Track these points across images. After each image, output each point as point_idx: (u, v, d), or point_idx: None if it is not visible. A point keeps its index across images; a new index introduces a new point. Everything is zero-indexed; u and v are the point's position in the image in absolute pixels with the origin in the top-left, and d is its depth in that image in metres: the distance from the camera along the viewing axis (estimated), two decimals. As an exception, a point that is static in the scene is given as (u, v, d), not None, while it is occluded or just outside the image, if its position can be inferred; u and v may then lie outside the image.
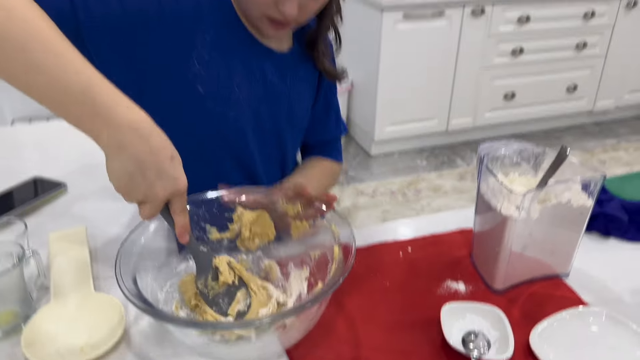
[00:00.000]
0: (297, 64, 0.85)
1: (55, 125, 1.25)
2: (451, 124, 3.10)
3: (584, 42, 3.16)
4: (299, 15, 0.72)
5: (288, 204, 0.69)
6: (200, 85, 0.74)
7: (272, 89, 0.81)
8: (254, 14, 0.74)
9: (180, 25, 0.71)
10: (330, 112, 0.97)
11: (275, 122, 0.84)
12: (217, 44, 0.74)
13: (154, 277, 0.62)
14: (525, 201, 0.64)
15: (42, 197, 0.90)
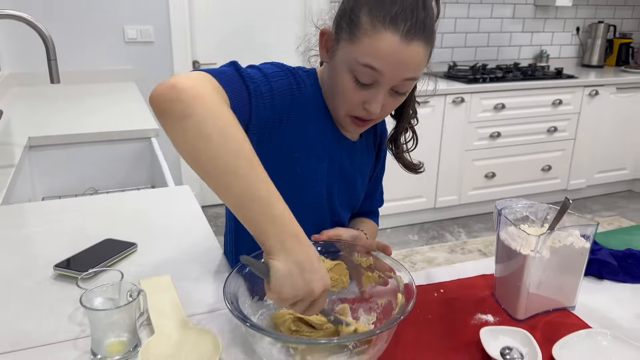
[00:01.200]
0: (363, 151, 1.04)
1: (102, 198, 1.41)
2: (438, 201, 3.32)
3: (555, 127, 3.49)
4: (380, 113, 0.88)
5: (362, 257, 0.84)
6: (299, 167, 0.92)
7: (344, 170, 1.00)
8: (340, 112, 0.91)
9: (303, 111, 0.90)
10: (379, 186, 1.17)
11: (340, 200, 1.02)
12: (316, 133, 0.93)
13: (249, 305, 0.76)
14: (540, 243, 0.82)
15: (121, 255, 1.03)
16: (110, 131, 2.00)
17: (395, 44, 0.79)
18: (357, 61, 0.82)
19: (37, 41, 1.74)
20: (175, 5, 3.01)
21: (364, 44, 0.81)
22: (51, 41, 1.56)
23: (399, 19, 0.79)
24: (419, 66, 0.84)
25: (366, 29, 0.80)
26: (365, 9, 0.81)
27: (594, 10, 4.09)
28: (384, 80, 0.83)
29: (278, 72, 0.88)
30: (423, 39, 0.81)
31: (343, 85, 0.85)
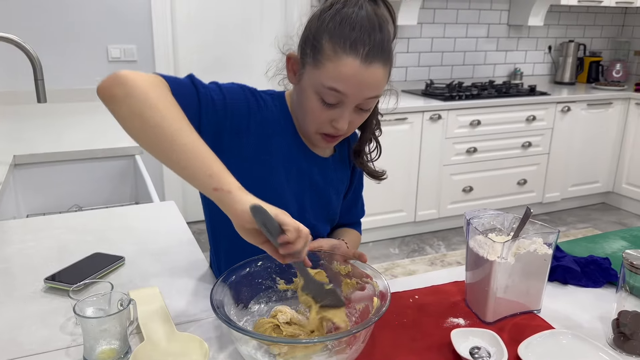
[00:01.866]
0: (336, 167, 1.09)
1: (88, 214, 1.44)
2: (418, 215, 3.39)
3: (529, 142, 3.60)
4: (348, 129, 0.94)
5: (341, 265, 0.90)
6: (261, 179, 0.96)
7: (316, 187, 1.05)
8: (310, 130, 0.96)
9: (265, 129, 0.96)
10: (358, 201, 1.21)
11: (315, 214, 1.07)
12: (282, 149, 0.98)
13: (234, 312, 0.81)
14: (505, 249, 0.88)
15: (109, 268, 1.07)
16: (94, 149, 2.03)
17: (356, 68, 0.85)
18: (322, 84, 0.88)
19: (22, 61, 1.78)
20: (158, 25, 3.06)
21: (328, 69, 0.87)
22: (38, 62, 1.60)
23: (358, 43, 0.85)
24: (380, 85, 0.90)
25: (329, 55, 0.87)
26: (327, 35, 0.87)
27: (564, 30, 4.25)
28: (348, 100, 0.89)
29: (235, 89, 0.95)
30: (381, 60, 0.87)
31: (311, 105, 0.92)
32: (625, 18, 4.43)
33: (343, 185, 1.13)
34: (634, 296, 0.87)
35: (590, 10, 4.26)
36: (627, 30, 4.44)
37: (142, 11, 3.02)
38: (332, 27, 0.87)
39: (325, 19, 0.88)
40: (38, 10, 2.81)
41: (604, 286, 1.07)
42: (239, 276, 0.87)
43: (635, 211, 3.96)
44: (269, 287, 0.90)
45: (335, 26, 0.87)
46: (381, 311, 0.76)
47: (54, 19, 2.85)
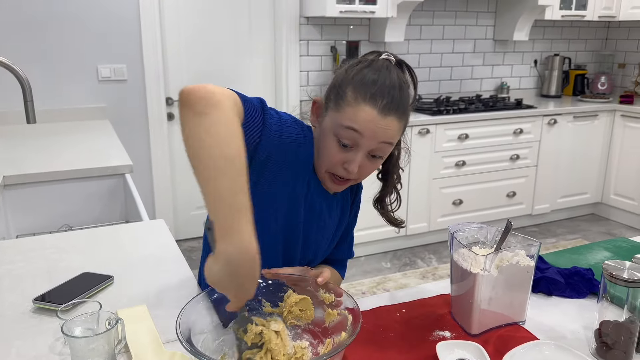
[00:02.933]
0: (339, 205, 1.13)
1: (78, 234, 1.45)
2: (409, 229, 3.41)
3: (517, 155, 3.65)
4: (358, 174, 0.98)
5: (326, 294, 0.90)
6: (285, 205, 1.01)
7: (323, 220, 1.09)
8: (321, 171, 1.01)
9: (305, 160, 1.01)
10: (349, 237, 1.24)
11: (319, 244, 1.11)
12: (305, 181, 1.02)
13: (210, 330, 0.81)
14: (487, 262, 0.90)
15: (98, 287, 1.08)
16: (84, 168, 2.03)
17: (374, 116, 0.93)
18: (341, 124, 0.94)
19: (10, 81, 1.79)
20: (148, 44, 3.09)
21: (347, 112, 0.94)
22: (27, 83, 1.61)
23: (378, 96, 0.93)
24: (394, 136, 0.96)
25: (349, 101, 0.94)
26: (351, 86, 0.95)
27: (549, 44, 4.32)
28: (363, 142, 0.94)
29: (290, 123, 1.00)
30: (397, 114, 0.94)
31: (327, 146, 0.97)
32: (609, 32, 4.52)
33: (343, 222, 1.17)
34: (615, 305, 0.89)
35: (574, 24, 4.35)
36: (610, 43, 4.53)
37: (132, 30, 3.04)
38: (357, 80, 0.95)
39: (351, 72, 0.97)
40: (27, 30, 2.83)
41: (587, 297, 1.09)
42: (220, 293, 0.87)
43: (624, 221, 4.00)
44: (254, 309, 0.91)
45: (360, 79, 0.95)
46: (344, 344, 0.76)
47: (43, 38, 2.86)
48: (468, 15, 3.92)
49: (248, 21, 3.38)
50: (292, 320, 0.90)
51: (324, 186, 1.06)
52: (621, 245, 1.32)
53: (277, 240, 1.04)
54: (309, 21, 3.42)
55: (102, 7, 2.95)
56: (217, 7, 3.28)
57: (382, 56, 1.00)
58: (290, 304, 0.90)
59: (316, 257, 1.14)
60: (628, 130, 3.87)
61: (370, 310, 1.01)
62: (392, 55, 1.01)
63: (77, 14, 2.91)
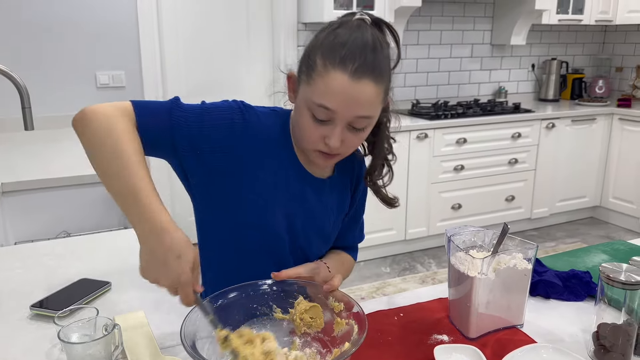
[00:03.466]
0: (334, 190, 1.07)
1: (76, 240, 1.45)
2: (408, 233, 3.40)
3: (515, 159, 3.65)
4: (342, 148, 0.92)
5: (335, 302, 0.88)
6: (249, 195, 0.96)
7: (309, 208, 1.03)
8: (306, 147, 0.96)
9: (256, 145, 0.96)
10: (358, 223, 1.19)
11: (306, 236, 1.05)
12: (273, 166, 0.98)
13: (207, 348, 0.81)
14: (484, 265, 0.90)
15: (95, 293, 1.07)
16: (82, 175, 2.03)
17: (345, 82, 0.85)
18: (313, 101, 0.88)
19: (7, 88, 1.79)
20: (146, 50, 3.09)
21: (318, 85, 0.88)
22: (25, 90, 1.62)
23: (347, 59, 0.86)
24: (372, 104, 0.89)
25: (319, 71, 0.88)
26: (319, 52, 0.89)
27: (547, 48, 4.33)
28: (337, 117, 0.88)
29: (221, 108, 0.96)
30: (372, 78, 0.87)
31: (304, 122, 0.92)
32: (606, 35, 4.53)
33: (342, 208, 1.11)
34: (613, 308, 0.89)
35: (571, 28, 4.36)
36: (607, 47, 4.54)
37: (130, 37, 3.05)
38: (326, 44, 0.89)
39: (320, 37, 0.91)
40: (26, 36, 2.84)
41: (585, 299, 1.09)
42: (228, 299, 0.87)
43: (623, 225, 4.00)
44: (265, 314, 0.90)
45: (329, 43, 0.88)
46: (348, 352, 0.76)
47: (41, 44, 2.87)
48: (465, 20, 3.94)
49: (246, 27, 3.39)
50: (303, 329, 0.89)
51: (311, 167, 1.01)
52: (619, 248, 1.32)
53: (255, 232, 0.99)
54: (307, 27, 3.43)
55: (101, 14, 2.96)
56: (215, 14, 3.29)
57: (355, 16, 0.93)
58: (301, 311, 0.89)
59: (310, 245, 1.07)
60: (626, 133, 3.87)
61: (368, 315, 1.00)
62: (368, 14, 0.94)
63: (76, 20, 2.92)
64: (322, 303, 0.90)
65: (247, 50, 3.42)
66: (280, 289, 0.92)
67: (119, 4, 2.99)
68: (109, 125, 0.85)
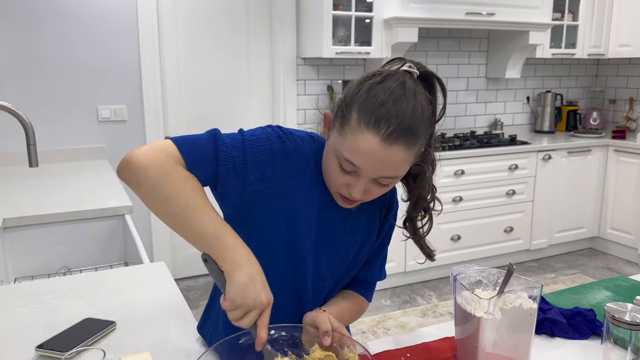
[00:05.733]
0: (361, 221, 1.05)
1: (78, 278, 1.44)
2: (408, 265, 3.40)
3: (513, 190, 3.67)
4: (365, 197, 0.92)
5: (350, 353, 0.88)
6: (284, 218, 0.96)
7: (335, 236, 1.02)
8: (331, 189, 0.97)
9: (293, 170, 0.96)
10: (380, 257, 1.14)
11: (329, 265, 1.03)
12: (305, 192, 0.97)
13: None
14: (491, 305, 0.90)
15: (101, 333, 1.07)
16: (83, 210, 2.04)
17: (375, 146, 0.84)
18: (342, 153, 0.88)
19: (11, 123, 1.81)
20: (147, 84, 3.14)
21: (349, 139, 0.87)
22: (31, 127, 1.64)
23: (382, 122, 0.83)
24: (399, 166, 0.88)
25: (352, 126, 0.86)
26: (357, 106, 0.87)
27: (541, 81, 4.41)
28: (363, 173, 0.88)
29: (260, 138, 0.94)
30: (404, 143, 0.85)
31: (330, 166, 0.92)
32: (598, 69, 4.63)
33: (368, 240, 1.08)
34: (619, 346, 0.89)
35: (565, 62, 4.45)
36: (600, 79, 4.63)
37: (132, 71, 3.10)
38: (364, 98, 0.86)
39: (362, 88, 0.88)
40: (28, 70, 2.88)
41: (590, 337, 1.09)
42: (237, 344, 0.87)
43: (622, 255, 4.00)
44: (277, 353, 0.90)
45: (367, 99, 0.86)
46: None
47: (44, 79, 2.91)
48: (460, 55, 4.02)
49: (246, 63, 3.45)
50: None
51: (337, 202, 0.99)
52: (621, 284, 1.33)
53: (282, 257, 0.99)
54: (306, 62, 3.49)
55: (103, 49, 3.01)
56: (216, 49, 3.35)
57: (403, 67, 0.90)
58: (314, 359, 0.89)
59: (328, 274, 1.04)
60: (622, 165, 3.92)
61: (375, 355, 1.01)
62: (416, 66, 0.90)
63: (79, 56, 2.97)
64: (337, 352, 0.89)
65: (247, 84, 3.48)
66: (295, 334, 0.92)
67: (121, 40, 3.04)
68: (165, 175, 0.87)
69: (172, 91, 3.27)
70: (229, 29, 3.36)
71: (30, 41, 2.85)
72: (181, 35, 3.25)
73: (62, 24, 2.91)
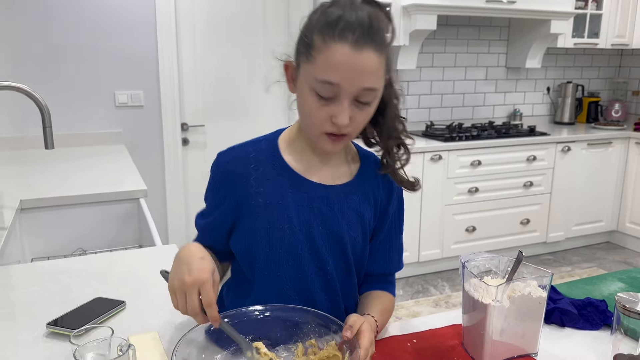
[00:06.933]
0: (348, 195, 1.02)
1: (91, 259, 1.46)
2: (422, 255, 3.38)
3: (530, 182, 3.62)
4: (350, 126, 0.91)
5: (337, 352, 0.87)
6: (263, 214, 0.99)
7: (321, 216, 1.00)
8: (314, 133, 0.95)
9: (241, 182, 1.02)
10: (393, 247, 1.12)
11: (328, 247, 1.02)
12: (275, 188, 1.00)
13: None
14: (499, 293, 0.89)
15: (110, 312, 1.08)
16: (99, 192, 2.06)
17: (347, 53, 0.85)
18: (316, 79, 0.88)
19: (29, 107, 1.83)
20: (165, 71, 3.15)
21: (319, 61, 0.88)
22: (47, 109, 1.66)
23: (347, 30, 0.85)
24: (375, 75, 0.89)
25: (319, 47, 0.87)
26: (316, 30, 0.89)
27: (562, 71, 4.33)
28: (342, 91, 0.88)
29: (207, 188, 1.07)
30: (373, 46, 0.86)
31: (309, 104, 0.91)
32: (622, 59, 4.52)
33: (361, 219, 1.04)
34: (630, 338, 0.88)
35: (587, 52, 4.36)
36: (624, 70, 4.53)
37: (149, 57, 3.11)
38: (322, 21, 0.89)
39: (314, 17, 0.91)
40: (48, 56, 2.91)
41: (601, 328, 1.08)
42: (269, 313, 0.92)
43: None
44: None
45: (324, 20, 0.88)
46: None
47: (62, 64, 2.94)
48: (480, 44, 3.96)
49: (262, 50, 3.44)
50: None
51: (322, 149, 0.98)
52: (636, 277, 1.31)
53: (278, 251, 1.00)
54: (323, 49, 3.47)
55: (121, 37, 3.03)
56: (232, 38, 3.34)
57: None
58: (322, 357, 0.87)
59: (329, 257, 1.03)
60: (643, 157, 3.84)
61: (381, 340, 1.01)
62: None
63: (97, 42, 2.99)
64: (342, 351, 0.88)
65: (262, 70, 3.47)
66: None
67: (139, 29, 3.06)
68: None
69: (188, 79, 3.28)
70: (245, 19, 3.35)
71: (51, 28, 2.88)
72: (198, 24, 3.25)
73: (81, 12, 2.93)
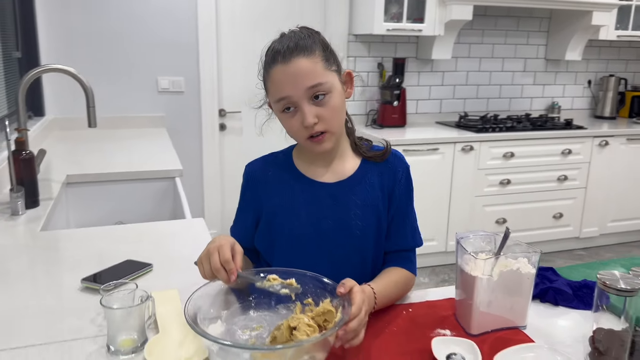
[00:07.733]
0: (353, 187, 1.13)
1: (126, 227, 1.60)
2: (449, 245, 3.41)
3: (565, 176, 3.59)
4: (322, 123, 1.03)
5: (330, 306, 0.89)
6: (279, 211, 1.14)
7: (328, 209, 1.12)
8: (301, 143, 1.10)
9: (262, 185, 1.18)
10: (406, 223, 1.18)
11: (336, 240, 1.12)
12: (285, 190, 1.14)
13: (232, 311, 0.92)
14: (487, 266, 0.96)
15: (138, 272, 1.21)
16: (139, 171, 2.21)
17: (280, 69, 1.03)
18: (274, 102, 1.07)
19: (77, 90, 1.98)
20: (204, 59, 3.29)
21: (270, 88, 1.07)
22: (91, 91, 1.80)
23: (277, 54, 1.04)
24: (312, 73, 1.02)
25: (266, 78, 1.08)
26: (263, 68, 1.09)
27: (605, 64, 4.23)
28: (295, 98, 1.03)
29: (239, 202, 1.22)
30: (301, 54, 1.02)
31: (283, 122, 1.08)
32: (670, 53, 4.38)
33: (370, 206, 1.13)
34: (610, 313, 0.92)
35: (632, 45, 4.24)
36: (672, 65, 4.38)
37: (190, 45, 3.25)
38: (264, 60, 1.08)
39: (263, 55, 1.09)
40: (97, 44, 3.09)
41: (594, 308, 1.12)
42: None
43: (680, 249, 3.83)
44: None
45: (265, 58, 1.08)
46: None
47: (108, 51, 3.12)
48: (519, 35, 3.92)
49: (299, 38, 3.53)
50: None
51: (313, 152, 1.10)
52: (638, 263, 1.33)
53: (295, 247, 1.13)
54: (357, 38, 3.53)
55: (164, 26, 3.18)
56: (270, 25, 3.45)
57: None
58: (318, 312, 0.90)
59: (338, 249, 1.11)
60: (686, 154, 3.73)
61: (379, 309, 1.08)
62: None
63: (141, 30, 3.15)
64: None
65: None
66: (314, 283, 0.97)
67: (181, 19, 3.20)
68: None
69: (226, 67, 3.40)
70: (283, 12, 3.45)
71: (99, 17, 3.06)
72: (238, 15, 3.36)
73: (133, 2, 3.09)
